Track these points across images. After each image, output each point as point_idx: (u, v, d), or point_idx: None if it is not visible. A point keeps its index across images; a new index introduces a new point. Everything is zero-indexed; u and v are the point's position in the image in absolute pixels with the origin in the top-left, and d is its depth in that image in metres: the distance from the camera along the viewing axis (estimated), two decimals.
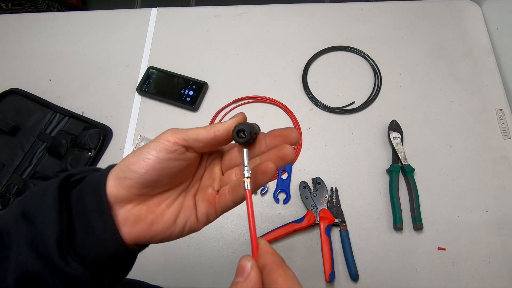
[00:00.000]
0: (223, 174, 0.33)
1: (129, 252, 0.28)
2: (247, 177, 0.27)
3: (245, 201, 0.28)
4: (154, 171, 0.27)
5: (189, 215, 0.31)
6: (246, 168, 0.27)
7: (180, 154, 0.28)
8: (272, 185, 0.65)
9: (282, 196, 0.64)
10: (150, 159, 0.27)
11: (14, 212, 0.27)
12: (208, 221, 0.32)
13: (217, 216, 0.32)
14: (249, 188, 0.27)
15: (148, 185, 0.28)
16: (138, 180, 0.27)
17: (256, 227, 0.26)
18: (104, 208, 0.27)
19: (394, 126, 0.66)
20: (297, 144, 0.68)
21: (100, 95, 0.76)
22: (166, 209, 0.30)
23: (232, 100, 0.73)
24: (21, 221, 0.26)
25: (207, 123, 0.72)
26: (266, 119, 0.71)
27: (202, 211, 0.31)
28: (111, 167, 0.29)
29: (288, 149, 0.28)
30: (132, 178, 0.27)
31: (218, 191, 0.32)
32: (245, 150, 0.29)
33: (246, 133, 0.29)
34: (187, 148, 0.29)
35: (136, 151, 0.28)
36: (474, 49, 0.73)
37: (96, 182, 0.27)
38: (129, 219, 0.28)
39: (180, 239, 0.32)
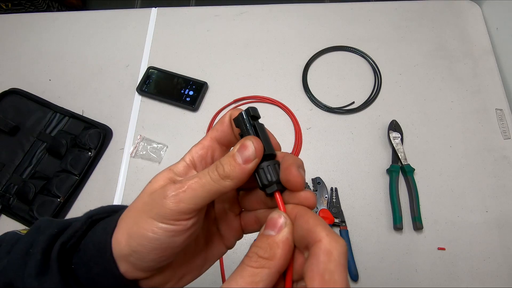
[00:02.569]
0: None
1: None
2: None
3: None
4: (165, 254, 0.23)
5: (218, 247, 0.29)
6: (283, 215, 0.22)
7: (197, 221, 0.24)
8: None
9: None
10: (156, 242, 0.22)
11: (22, 284, 0.24)
12: (237, 240, 0.30)
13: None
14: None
15: (154, 265, 0.24)
16: (148, 266, 0.24)
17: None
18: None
19: (394, 126, 0.66)
20: (297, 144, 0.68)
21: (100, 95, 0.76)
22: (193, 258, 0.27)
23: (232, 100, 0.73)
24: None
25: (207, 123, 0.72)
26: (266, 119, 0.71)
27: (230, 238, 0.29)
28: (109, 233, 0.24)
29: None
30: (142, 267, 0.23)
31: (239, 214, 0.29)
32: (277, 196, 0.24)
33: (270, 176, 0.23)
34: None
35: (137, 212, 0.23)
36: (474, 49, 0.73)
37: (103, 260, 0.23)
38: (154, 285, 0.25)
39: None
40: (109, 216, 0.27)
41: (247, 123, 0.25)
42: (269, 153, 0.24)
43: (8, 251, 0.26)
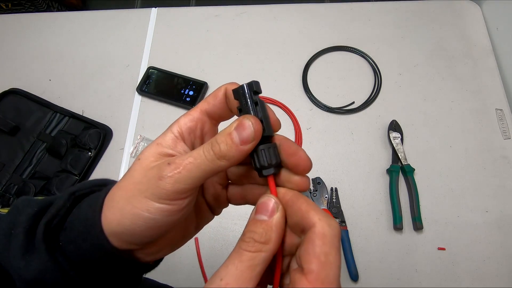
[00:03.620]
0: None
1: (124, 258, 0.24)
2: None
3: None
4: (160, 232, 0.23)
5: (206, 215, 0.29)
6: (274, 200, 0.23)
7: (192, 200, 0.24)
8: None
9: None
10: (152, 221, 0.22)
11: (8, 265, 0.24)
12: (223, 208, 0.30)
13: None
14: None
15: (149, 241, 0.24)
16: (141, 243, 0.24)
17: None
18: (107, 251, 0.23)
19: (394, 126, 0.66)
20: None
21: (100, 95, 0.76)
22: (184, 227, 0.27)
23: None
24: (24, 285, 0.24)
25: None
26: None
27: (216, 208, 0.29)
28: (100, 203, 0.24)
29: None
30: (132, 240, 0.23)
31: (226, 187, 0.29)
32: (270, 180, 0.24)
33: (268, 158, 0.23)
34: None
35: (129, 191, 0.23)
36: (474, 49, 0.73)
37: (90, 226, 0.23)
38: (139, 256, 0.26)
39: None
40: (92, 191, 0.26)
41: (248, 98, 0.23)
42: (268, 135, 0.23)
43: None
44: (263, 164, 0.23)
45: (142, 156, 0.23)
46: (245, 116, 0.23)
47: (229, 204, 0.30)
